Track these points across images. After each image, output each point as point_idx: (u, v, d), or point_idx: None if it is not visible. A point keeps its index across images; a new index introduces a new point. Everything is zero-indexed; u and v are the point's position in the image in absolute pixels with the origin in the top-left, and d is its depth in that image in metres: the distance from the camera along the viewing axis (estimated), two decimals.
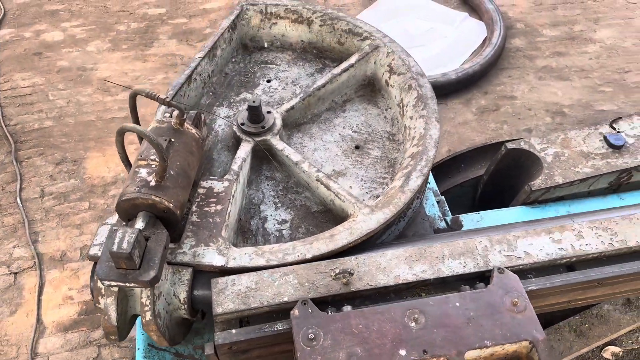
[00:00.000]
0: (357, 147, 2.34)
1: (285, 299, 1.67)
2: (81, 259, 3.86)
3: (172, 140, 1.87)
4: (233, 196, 1.98)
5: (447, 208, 2.63)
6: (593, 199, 2.56)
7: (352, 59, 2.50)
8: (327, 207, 2.12)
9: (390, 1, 6.24)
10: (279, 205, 2.18)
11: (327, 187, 2.04)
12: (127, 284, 1.55)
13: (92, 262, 1.82)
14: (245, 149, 2.20)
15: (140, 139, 1.97)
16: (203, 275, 1.80)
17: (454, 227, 2.45)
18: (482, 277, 1.78)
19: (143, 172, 1.76)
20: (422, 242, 1.96)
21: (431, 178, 2.80)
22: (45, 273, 3.81)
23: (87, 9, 6.21)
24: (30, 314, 3.62)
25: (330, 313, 1.65)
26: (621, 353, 3.42)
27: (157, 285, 1.64)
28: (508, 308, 1.65)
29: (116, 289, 1.62)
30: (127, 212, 1.75)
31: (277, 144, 2.22)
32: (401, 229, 2.19)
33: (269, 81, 2.66)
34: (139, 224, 1.68)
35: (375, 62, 2.51)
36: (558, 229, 1.86)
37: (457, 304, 1.67)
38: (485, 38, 5.66)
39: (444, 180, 3.03)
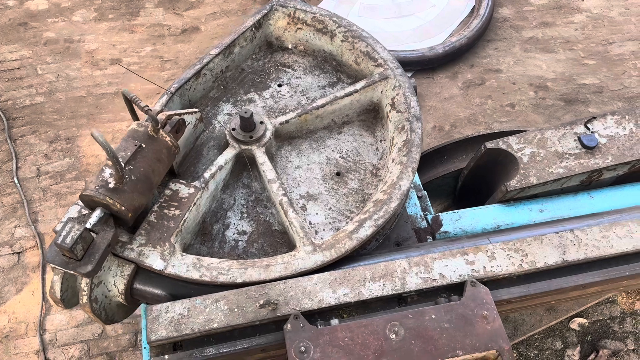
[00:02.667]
0: (337, 174, 2.38)
1: (215, 325, 1.80)
2: None
3: (143, 145, 1.99)
4: (195, 204, 2.10)
5: (429, 203, 2.80)
6: (564, 196, 2.74)
7: (358, 85, 2.49)
8: (286, 230, 2.20)
9: None
10: (245, 215, 2.27)
11: (285, 214, 2.11)
12: (68, 271, 1.75)
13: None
14: (227, 155, 2.28)
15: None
16: (145, 271, 1.97)
17: (434, 226, 2.63)
18: (456, 288, 1.98)
19: (107, 172, 1.89)
20: (387, 256, 2.12)
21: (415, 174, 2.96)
22: (46, 253, 3.97)
23: None
24: (35, 292, 3.81)
25: (319, 327, 1.84)
26: (587, 324, 3.71)
27: (97, 275, 1.88)
28: (479, 319, 1.85)
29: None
30: (88, 204, 1.92)
31: (259, 156, 2.28)
32: (380, 241, 2.33)
33: (280, 85, 2.70)
34: (93, 218, 1.84)
35: (382, 92, 2.49)
36: (473, 250, 2.00)
37: (433, 316, 1.86)
38: (474, 7, 5.67)
39: (428, 170, 3.18)
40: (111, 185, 1.86)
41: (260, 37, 2.79)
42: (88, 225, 1.80)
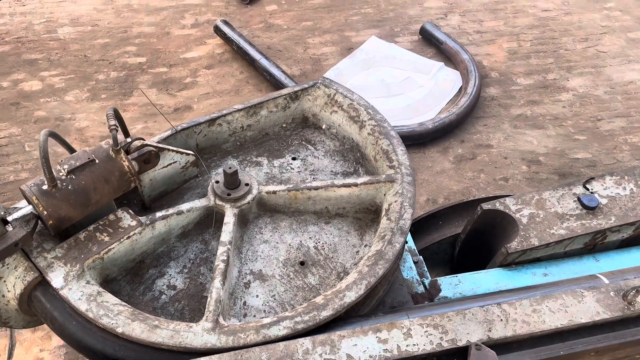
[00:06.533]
0: (302, 263, 2.19)
1: None
2: None
3: (96, 161, 1.96)
4: (129, 237, 2.00)
5: (425, 269, 2.62)
6: (569, 260, 2.58)
7: (360, 180, 2.31)
8: None
9: (367, 51, 6.37)
10: (185, 270, 2.14)
11: (212, 279, 1.96)
12: None
13: None
14: (194, 204, 2.20)
15: None
16: (48, 285, 1.86)
17: (432, 291, 2.44)
18: (458, 353, 1.76)
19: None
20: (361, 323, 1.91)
21: (409, 237, 2.80)
22: (16, 334, 3.69)
23: (67, 58, 6.22)
24: None
25: None
26: None
27: None
28: None
29: None
30: (25, 199, 1.93)
31: (227, 217, 2.17)
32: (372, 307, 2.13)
33: (294, 159, 2.62)
34: (18, 212, 1.86)
35: (384, 194, 2.29)
36: (387, 326, 1.75)
37: None
38: (461, 87, 5.78)
39: (423, 237, 3.03)
40: (44, 187, 1.84)
41: (296, 109, 2.75)
42: (8, 217, 1.80)
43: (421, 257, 2.69)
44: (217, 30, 6.42)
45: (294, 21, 6.98)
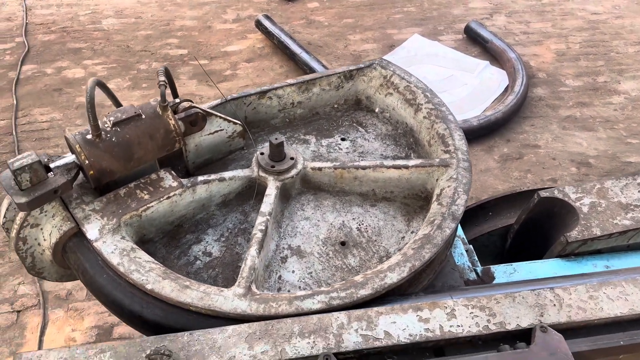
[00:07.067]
0: (342, 243, 2.08)
1: None
2: (87, 299, 3.71)
3: (142, 116, 1.92)
4: (168, 198, 1.96)
5: (476, 258, 2.47)
6: (633, 253, 2.40)
7: (411, 162, 2.17)
8: None
9: (409, 49, 6.25)
10: (222, 239, 2.08)
11: (248, 247, 1.87)
12: (8, 193, 1.72)
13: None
14: (237, 173, 2.14)
15: None
16: (83, 237, 1.83)
17: (485, 278, 2.29)
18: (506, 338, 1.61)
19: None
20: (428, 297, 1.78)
21: (459, 226, 2.65)
22: (49, 312, 3.66)
23: (110, 48, 6.28)
24: None
25: None
26: None
27: (36, 216, 1.82)
28: None
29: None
30: (69, 148, 1.91)
31: (270, 189, 2.09)
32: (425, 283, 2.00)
33: (343, 139, 2.52)
34: (61, 160, 1.83)
35: (437, 180, 2.15)
36: (428, 305, 1.61)
37: None
38: (507, 86, 5.59)
39: (471, 228, 2.87)
40: (88, 136, 1.81)
41: (349, 89, 2.66)
42: (51, 164, 1.77)
43: (471, 246, 2.53)
44: (259, 24, 6.39)
45: (335, 18, 6.91)
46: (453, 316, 1.58)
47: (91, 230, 1.80)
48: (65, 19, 6.78)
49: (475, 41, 6.29)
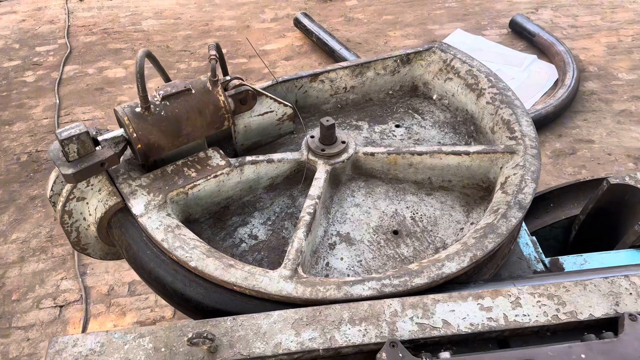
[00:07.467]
0: (395, 232, 1.95)
1: None
2: (129, 295, 3.66)
3: (192, 91, 1.88)
4: (216, 177, 1.91)
5: (540, 250, 2.30)
6: None
7: (473, 148, 2.04)
8: None
9: (452, 44, 6.06)
10: (269, 223, 2.00)
11: (295, 230, 1.78)
12: (55, 164, 1.70)
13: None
14: (285, 155, 2.06)
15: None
16: (129, 212, 1.79)
17: (553, 269, 2.12)
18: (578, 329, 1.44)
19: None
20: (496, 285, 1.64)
21: None
22: (91, 307, 3.62)
23: (150, 48, 6.30)
24: None
25: (425, 359, 1.35)
26: None
27: (82, 189, 1.79)
28: None
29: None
30: (118, 121, 1.86)
31: (319, 172, 1.99)
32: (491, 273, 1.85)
33: (397, 126, 2.41)
34: (109, 134, 1.79)
35: (501, 168, 2.00)
36: (490, 293, 1.48)
37: (583, 355, 1.34)
38: (557, 80, 5.36)
39: (531, 221, 2.69)
40: (137, 110, 1.77)
41: (405, 74, 2.55)
42: (99, 137, 1.74)
43: (534, 237, 2.36)
44: (297, 22, 6.32)
45: (375, 15, 6.79)
46: (518, 305, 1.45)
47: (137, 206, 1.76)
48: (106, 21, 6.85)
49: (520, 35, 6.07)
